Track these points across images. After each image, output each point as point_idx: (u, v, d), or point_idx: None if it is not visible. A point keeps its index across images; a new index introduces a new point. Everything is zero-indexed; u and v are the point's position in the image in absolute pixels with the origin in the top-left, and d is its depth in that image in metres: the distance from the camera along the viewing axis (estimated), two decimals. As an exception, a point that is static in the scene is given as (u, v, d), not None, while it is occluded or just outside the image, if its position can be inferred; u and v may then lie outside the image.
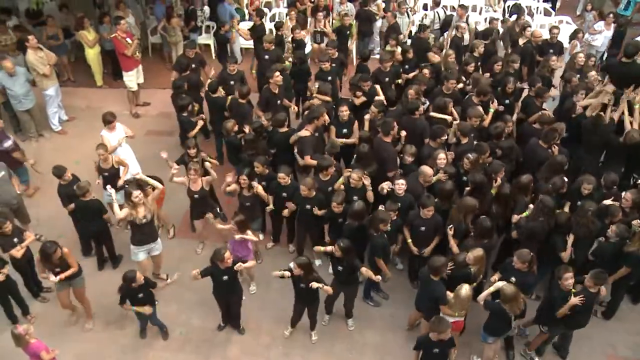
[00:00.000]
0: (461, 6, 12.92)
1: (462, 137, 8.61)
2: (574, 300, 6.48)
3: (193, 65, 10.79)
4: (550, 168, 8.05)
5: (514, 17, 12.82)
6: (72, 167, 8.24)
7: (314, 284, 6.72)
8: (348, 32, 11.89)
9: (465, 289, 6.45)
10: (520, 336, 7.61)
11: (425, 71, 10.13)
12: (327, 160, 8.11)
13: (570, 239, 7.25)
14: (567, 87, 9.94)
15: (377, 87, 9.77)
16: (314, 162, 8.48)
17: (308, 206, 7.89)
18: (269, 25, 13.63)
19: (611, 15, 12.82)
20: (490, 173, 7.93)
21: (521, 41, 11.45)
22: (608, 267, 6.94)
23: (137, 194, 7.36)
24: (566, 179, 7.85)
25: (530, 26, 11.85)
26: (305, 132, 8.67)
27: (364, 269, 7.10)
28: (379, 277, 7.37)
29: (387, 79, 10.19)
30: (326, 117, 8.96)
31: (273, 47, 10.97)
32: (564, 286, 6.58)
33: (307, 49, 12.29)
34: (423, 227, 7.52)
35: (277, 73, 9.56)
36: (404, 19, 12.77)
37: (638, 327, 7.94)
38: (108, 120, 9.02)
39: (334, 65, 10.56)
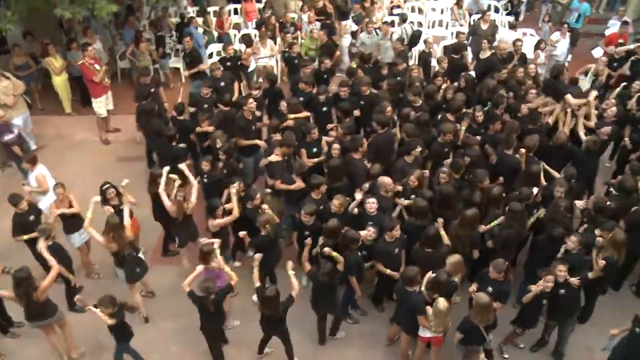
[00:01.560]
0: (385, 23, 13.12)
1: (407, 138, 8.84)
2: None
3: (152, 90, 10.78)
4: (525, 177, 8.22)
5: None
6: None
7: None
8: (325, 76, 11.56)
9: (442, 302, 6.47)
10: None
11: (384, 85, 10.36)
12: (319, 179, 8.04)
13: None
14: None
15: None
16: (284, 186, 8.43)
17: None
18: (239, 47, 13.75)
19: (566, 25, 13.21)
20: (474, 183, 8.08)
21: (485, 54, 11.71)
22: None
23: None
24: (536, 189, 8.00)
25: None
26: (275, 157, 8.65)
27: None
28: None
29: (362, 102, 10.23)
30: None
31: (221, 72, 10.89)
32: (543, 286, 6.77)
33: (251, 68, 12.40)
34: (396, 250, 7.45)
35: (251, 100, 9.52)
36: (373, 38, 12.90)
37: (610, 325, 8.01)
38: (30, 159, 8.83)
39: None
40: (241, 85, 11.62)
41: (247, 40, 12.52)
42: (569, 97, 9.81)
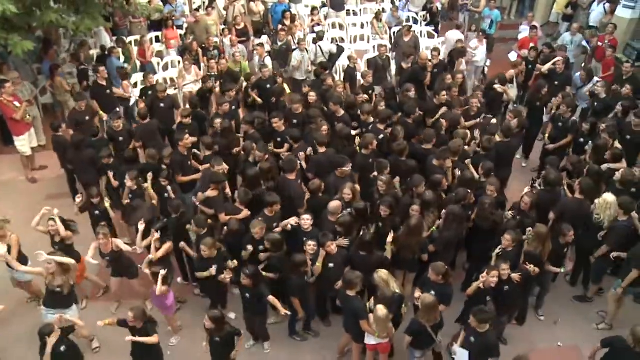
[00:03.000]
0: (259, 44, 13.41)
1: (320, 147, 9.05)
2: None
3: (87, 118, 10.61)
4: (462, 182, 8.47)
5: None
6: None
7: None
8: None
9: (380, 309, 6.55)
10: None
11: (296, 106, 10.39)
12: (273, 197, 7.98)
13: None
14: None
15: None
16: (234, 217, 8.26)
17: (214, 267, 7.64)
18: (163, 74, 13.62)
19: (481, 33, 13.82)
20: (410, 187, 8.28)
21: (405, 64, 12.09)
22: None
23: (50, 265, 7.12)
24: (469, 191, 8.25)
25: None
26: (213, 193, 8.52)
27: (271, 298, 7.08)
28: (286, 311, 7.27)
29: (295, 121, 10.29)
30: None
31: (166, 94, 10.93)
32: (487, 283, 7.00)
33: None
34: (331, 264, 7.46)
35: (187, 135, 9.37)
36: (305, 54, 13.03)
37: (549, 317, 8.43)
38: None
39: (233, 107, 10.64)
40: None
41: (122, 74, 12.31)
42: None
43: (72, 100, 12.17)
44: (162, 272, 7.28)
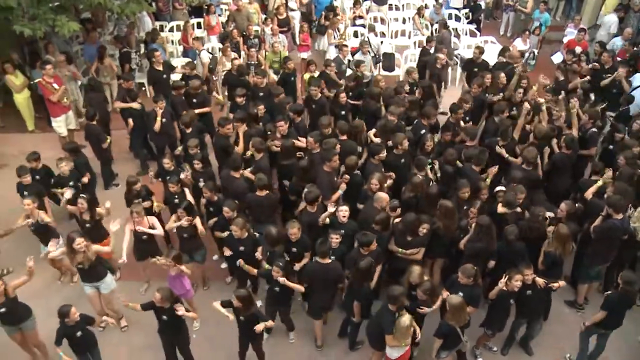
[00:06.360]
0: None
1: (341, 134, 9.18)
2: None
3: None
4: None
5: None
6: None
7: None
8: (293, 78, 11.72)
9: (404, 318, 6.47)
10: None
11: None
12: (314, 193, 7.88)
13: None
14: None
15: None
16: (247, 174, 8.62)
17: (242, 248, 7.65)
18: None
19: (527, 32, 13.53)
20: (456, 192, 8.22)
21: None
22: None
23: (79, 241, 7.15)
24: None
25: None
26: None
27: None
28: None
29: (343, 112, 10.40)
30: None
31: (200, 90, 10.94)
32: (510, 286, 6.90)
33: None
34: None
35: (230, 126, 9.39)
36: (367, 57, 12.70)
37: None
38: None
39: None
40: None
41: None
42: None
43: (115, 83, 12.40)
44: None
